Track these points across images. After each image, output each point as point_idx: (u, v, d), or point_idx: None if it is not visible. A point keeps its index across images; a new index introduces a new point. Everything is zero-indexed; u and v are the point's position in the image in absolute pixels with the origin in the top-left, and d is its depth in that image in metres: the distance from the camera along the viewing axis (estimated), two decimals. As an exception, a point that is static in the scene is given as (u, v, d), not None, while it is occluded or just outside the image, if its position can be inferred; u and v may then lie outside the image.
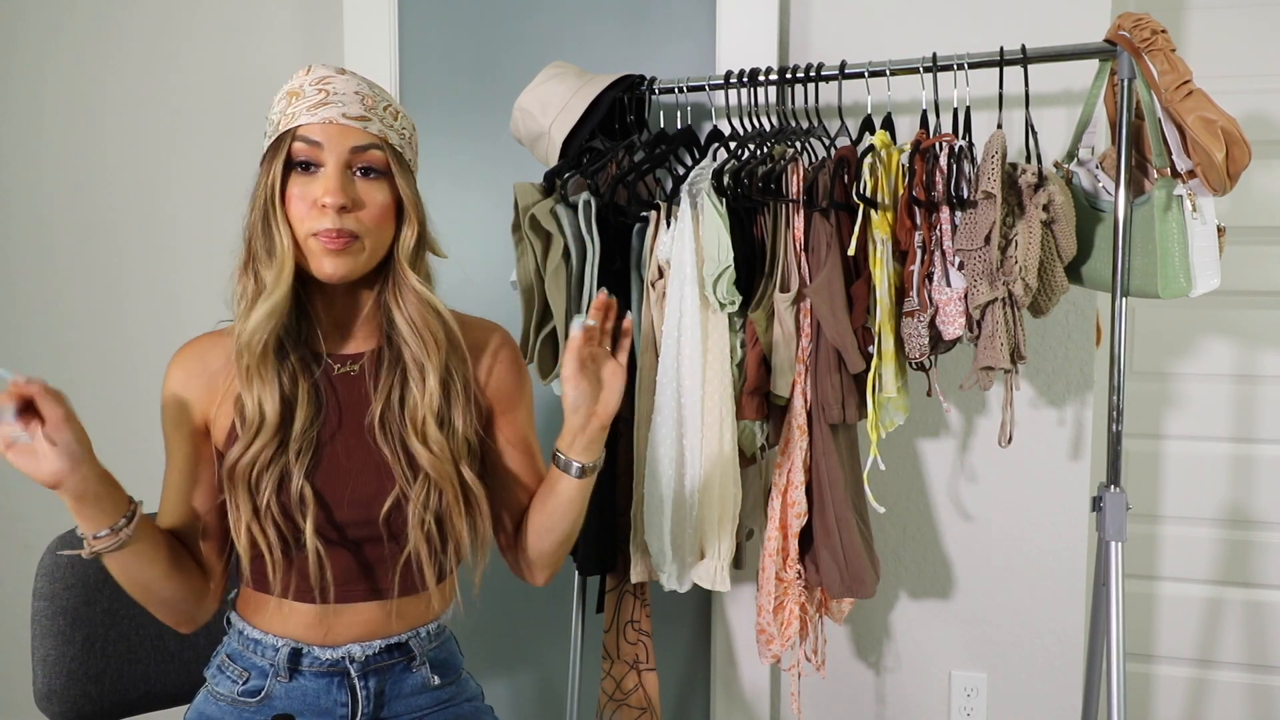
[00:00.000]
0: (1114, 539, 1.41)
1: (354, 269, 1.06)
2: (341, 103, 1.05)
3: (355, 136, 1.04)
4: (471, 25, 1.96)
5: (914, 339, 1.41)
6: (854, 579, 1.49)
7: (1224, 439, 1.93)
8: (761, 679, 1.90)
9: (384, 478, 1.10)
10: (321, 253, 1.04)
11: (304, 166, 1.04)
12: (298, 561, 1.09)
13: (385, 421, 1.10)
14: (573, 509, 1.15)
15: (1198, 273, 1.36)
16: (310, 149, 1.03)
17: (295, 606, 1.11)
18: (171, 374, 1.12)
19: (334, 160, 1.03)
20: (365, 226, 1.05)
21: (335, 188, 1.02)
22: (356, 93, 1.06)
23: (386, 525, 1.09)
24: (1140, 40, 1.35)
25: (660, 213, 1.50)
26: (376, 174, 1.06)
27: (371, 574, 1.12)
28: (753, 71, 1.55)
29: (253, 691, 1.12)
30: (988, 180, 1.33)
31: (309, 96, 1.05)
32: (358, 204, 1.04)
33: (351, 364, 1.13)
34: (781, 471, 1.50)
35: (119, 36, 2.12)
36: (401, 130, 1.10)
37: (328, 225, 1.02)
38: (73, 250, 2.18)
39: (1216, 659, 1.96)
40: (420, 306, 1.10)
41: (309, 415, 1.08)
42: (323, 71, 1.07)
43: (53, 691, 1.28)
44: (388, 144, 1.06)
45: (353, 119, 1.04)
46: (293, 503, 1.06)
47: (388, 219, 1.07)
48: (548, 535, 1.18)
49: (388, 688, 1.15)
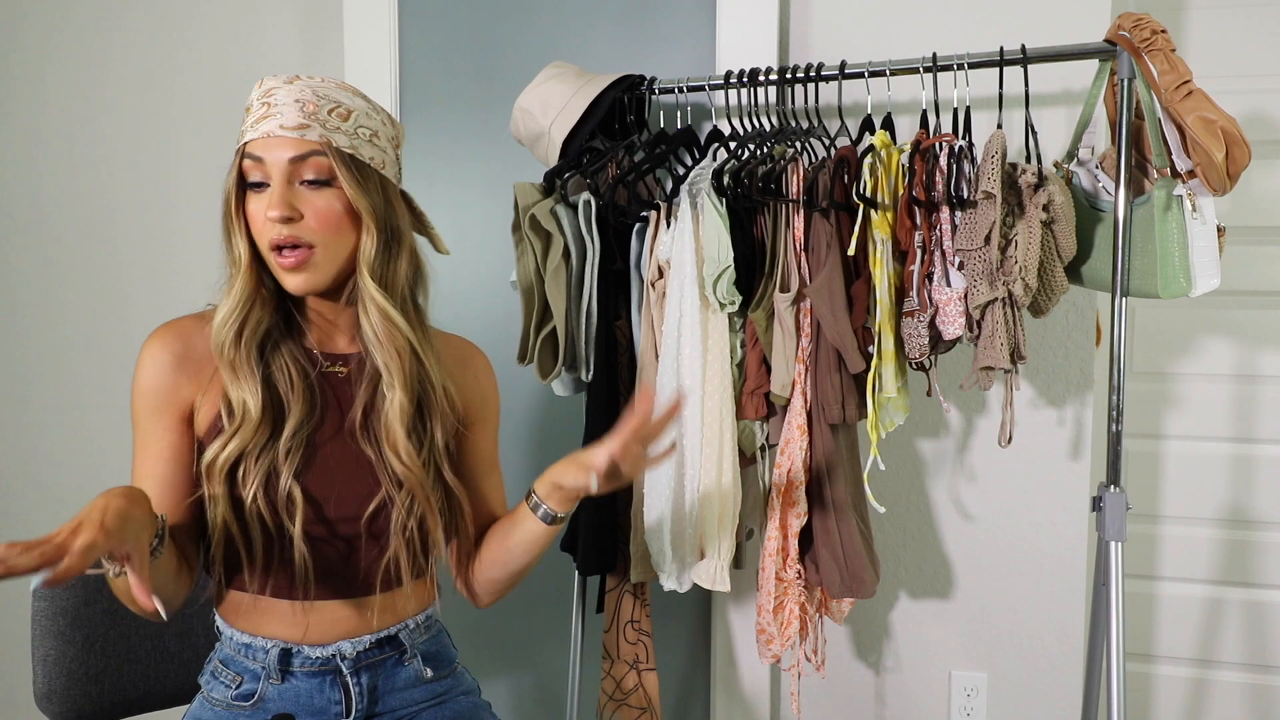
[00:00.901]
0: (1114, 539, 1.41)
1: (315, 281, 1.06)
2: (280, 114, 1.04)
3: (292, 146, 1.04)
4: (471, 26, 1.96)
5: (914, 339, 1.41)
6: (854, 579, 1.49)
7: (1224, 439, 1.93)
8: (761, 679, 1.90)
9: (370, 479, 1.10)
10: (280, 270, 1.06)
11: (255, 185, 1.05)
12: (278, 559, 1.08)
13: (366, 425, 1.11)
14: (533, 549, 1.17)
15: (1198, 273, 1.36)
16: (256, 166, 1.05)
17: (273, 603, 1.10)
18: (152, 356, 1.08)
19: (276, 174, 1.04)
20: (316, 234, 1.05)
21: (276, 200, 1.03)
22: (297, 100, 1.05)
23: (369, 526, 1.10)
24: (1140, 40, 1.34)
25: (660, 213, 1.50)
26: (321, 183, 1.05)
27: (351, 573, 1.12)
28: (753, 71, 1.55)
29: (246, 695, 1.12)
30: (988, 180, 1.33)
31: (255, 111, 1.06)
32: (300, 213, 1.04)
33: (340, 364, 1.14)
34: (781, 471, 1.50)
35: (119, 36, 2.12)
36: (355, 130, 1.07)
37: (274, 236, 1.04)
38: (73, 250, 2.18)
39: (1216, 659, 1.96)
40: (380, 318, 1.10)
41: (303, 414, 1.08)
42: (270, 83, 1.07)
43: (53, 691, 1.28)
44: (332, 148, 1.05)
45: (290, 129, 1.04)
46: (280, 501, 1.06)
47: (340, 226, 1.06)
48: (500, 568, 1.20)
49: (380, 683, 1.15)
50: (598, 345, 1.51)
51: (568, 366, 1.53)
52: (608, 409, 1.56)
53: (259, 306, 1.09)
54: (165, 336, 1.10)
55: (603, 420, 1.55)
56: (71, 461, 2.22)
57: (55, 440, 2.22)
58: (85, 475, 2.22)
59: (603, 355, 1.53)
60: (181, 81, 2.10)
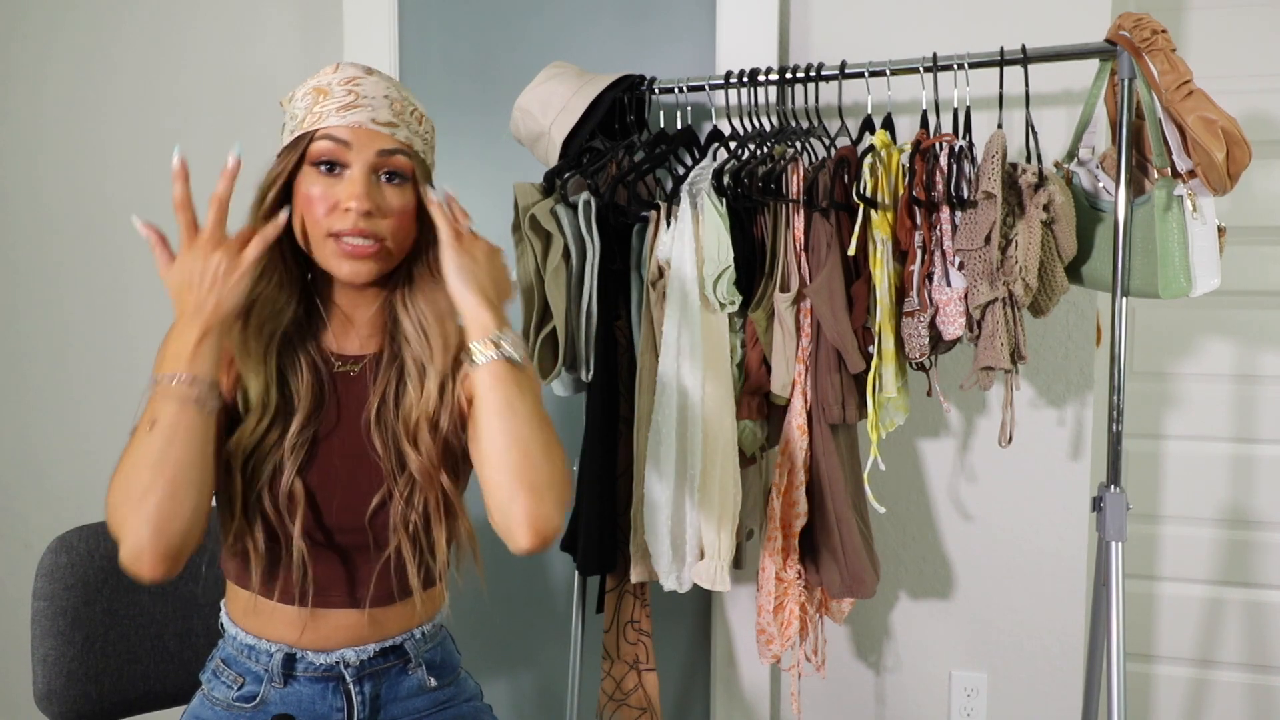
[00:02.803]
0: (1114, 539, 1.41)
1: (374, 273, 1.06)
2: (371, 107, 1.04)
3: (383, 141, 1.04)
4: (471, 25, 1.96)
5: (914, 339, 1.41)
6: (854, 579, 1.49)
7: (1224, 439, 1.93)
8: (761, 679, 1.90)
9: (374, 481, 1.09)
10: (340, 255, 1.04)
11: (328, 167, 1.03)
12: (282, 561, 1.07)
13: (381, 418, 1.10)
14: (484, 407, 1.00)
15: (1198, 273, 1.36)
16: (337, 148, 1.03)
17: (277, 607, 1.10)
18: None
19: (360, 163, 1.03)
20: (389, 230, 1.05)
21: (361, 192, 1.02)
22: (386, 97, 1.06)
23: (371, 526, 1.08)
24: (1140, 40, 1.35)
25: (660, 213, 1.50)
26: (401, 179, 1.05)
27: (354, 581, 1.10)
28: (753, 71, 1.55)
29: (248, 697, 1.11)
30: (988, 180, 1.33)
31: (337, 97, 1.04)
32: (383, 209, 1.04)
33: (353, 364, 1.13)
34: (781, 471, 1.50)
35: (119, 36, 2.12)
36: (425, 135, 1.10)
37: (348, 227, 1.02)
38: (73, 250, 2.18)
39: (1216, 659, 1.96)
40: (440, 310, 1.10)
41: (308, 411, 1.07)
42: (352, 71, 1.07)
43: (53, 691, 1.28)
44: (413, 150, 1.06)
45: (382, 124, 1.04)
46: (282, 499, 1.05)
47: (412, 224, 1.07)
48: (485, 464, 1.00)
49: (383, 691, 1.14)
50: (598, 345, 1.51)
51: (568, 366, 1.53)
52: (608, 409, 1.56)
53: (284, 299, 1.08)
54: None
55: (603, 420, 1.55)
56: (71, 461, 2.22)
57: (55, 440, 2.22)
58: (85, 475, 2.22)
59: (602, 355, 1.53)
60: (181, 81, 2.10)
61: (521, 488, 0.98)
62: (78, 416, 2.21)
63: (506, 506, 0.98)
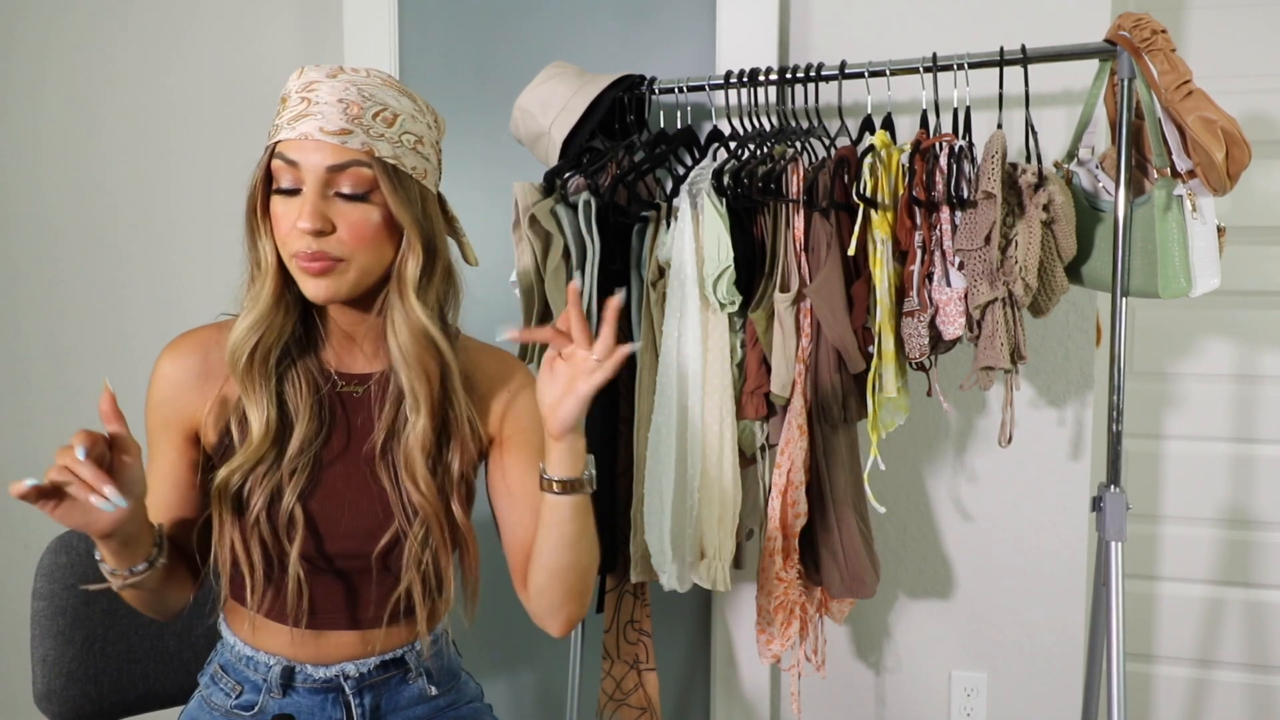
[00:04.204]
0: (1114, 539, 1.41)
1: (339, 290, 0.98)
2: (321, 114, 0.96)
3: (332, 154, 0.95)
4: (471, 25, 1.95)
5: (914, 339, 1.41)
6: (854, 579, 1.49)
7: (1224, 439, 1.93)
8: (761, 679, 1.90)
9: (383, 512, 1.05)
10: (303, 275, 0.98)
11: (286, 191, 0.97)
12: (279, 584, 1.04)
13: (386, 451, 1.05)
14: (556, 533, 1.02)
15: (1198, 273, 1.36)
16: (288, 170, 0.96)
17: (273, 626, 1.08)
18: (166, 367, 1.04)
19: (311, 181, 0.95)
20: (347, 248, 0.97)
21: (308, 211, 0.94)
22: (340, 100, 0.96)
23: (382, 560, 1.05)
24: (1140, 40, 1.34)
25: (660, 213, 1.50)
26: (358, 196, 0.97)
27: (355, 605, 1.08)
28: (753, 71, 1.55)
29: (246, 706, 1.10)
30: (988, 180, 1.33)
31: (292, 105, 0.98)
32: (333, 225, 0.96)
33: (358, 384, 1.08)
34: (781, 471, 1.50)
35: (119, 36, 2.12)
36: (399, 138, 0.99)
37: (302, 248, 0.96)
38: (73, 250, 2.18)
39: (1216, 659, 1.96)
40: (412, 336, 1.02)
41: (309, 433, 1.03)
42: (312, 75, 0.99)
43: (52, 691, 1.28)
44: (374, 158, 0.96)
45: (331, 134, 0.95)
46: (281, 523, 1.01)
47: (377, 239, 0.99)
48: (541, 571, 1.05)
49: (384, 702, 1.12)
50: (598, 345, 1.51)
51: (568, 366, 1.53)
52: (607, 409, 1.56)
53: (282, 316, 1.02)
54: (182, 349, 1.06)
55: (603, 420, 1.55)
56: (71, 461, 2.22)
57: (55, 440, 2.22)
58: (85, 475, 2.22)
59: (603, 355, 1.53)
60: (181, 81, 2.10)
61: (570, 600, 1.07)
62: (78, 416, 2.21)
63: (552, 609, 1.08)
